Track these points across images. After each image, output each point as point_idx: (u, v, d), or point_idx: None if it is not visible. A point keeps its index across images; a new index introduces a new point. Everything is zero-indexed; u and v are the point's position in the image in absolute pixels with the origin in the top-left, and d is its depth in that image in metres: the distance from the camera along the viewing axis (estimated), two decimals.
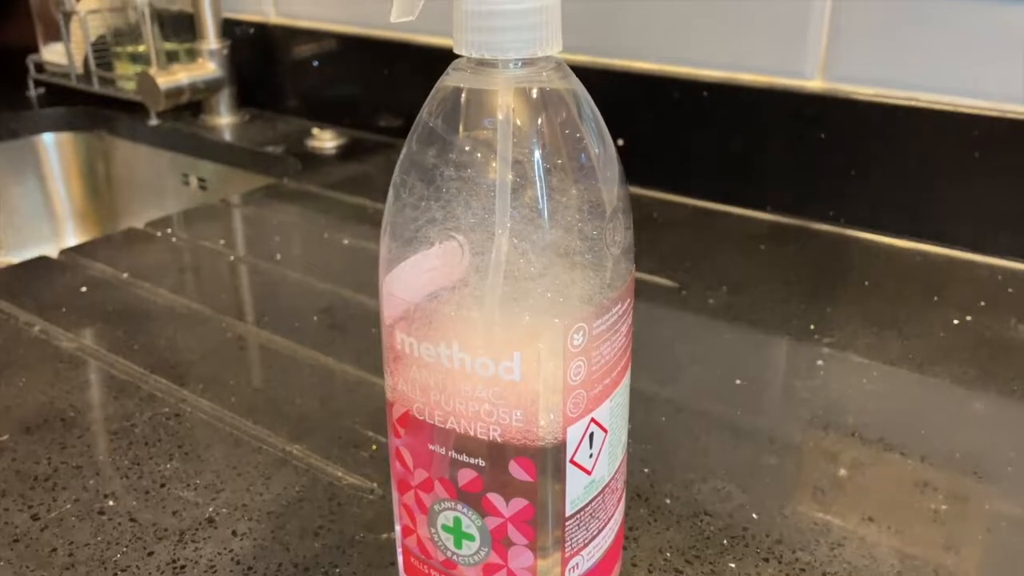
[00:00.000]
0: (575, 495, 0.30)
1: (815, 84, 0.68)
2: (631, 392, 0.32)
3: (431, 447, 0.30)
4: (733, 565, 0.36)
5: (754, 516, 0.39)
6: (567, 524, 0.30)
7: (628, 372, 0.32)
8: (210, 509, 0.39)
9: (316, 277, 0.62)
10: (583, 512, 0.30)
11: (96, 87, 1.02)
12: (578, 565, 0.31)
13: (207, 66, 0.96)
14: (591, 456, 0.30)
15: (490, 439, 0.28)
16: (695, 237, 0.68)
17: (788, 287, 0.60)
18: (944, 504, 0.39)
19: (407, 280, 0.29)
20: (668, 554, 0.36)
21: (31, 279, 0.61)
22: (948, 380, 0.49)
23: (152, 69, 0.94)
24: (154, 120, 0.99)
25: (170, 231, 0.70)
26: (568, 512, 0.30)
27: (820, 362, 0.51)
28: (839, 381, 0.49)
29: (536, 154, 0.27)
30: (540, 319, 0.27)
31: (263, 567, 0.36)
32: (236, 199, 0.78)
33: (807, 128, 0.68)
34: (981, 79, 0.61)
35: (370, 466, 0.42)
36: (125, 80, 1.01)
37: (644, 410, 0.46)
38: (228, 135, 0.96)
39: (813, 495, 0.40)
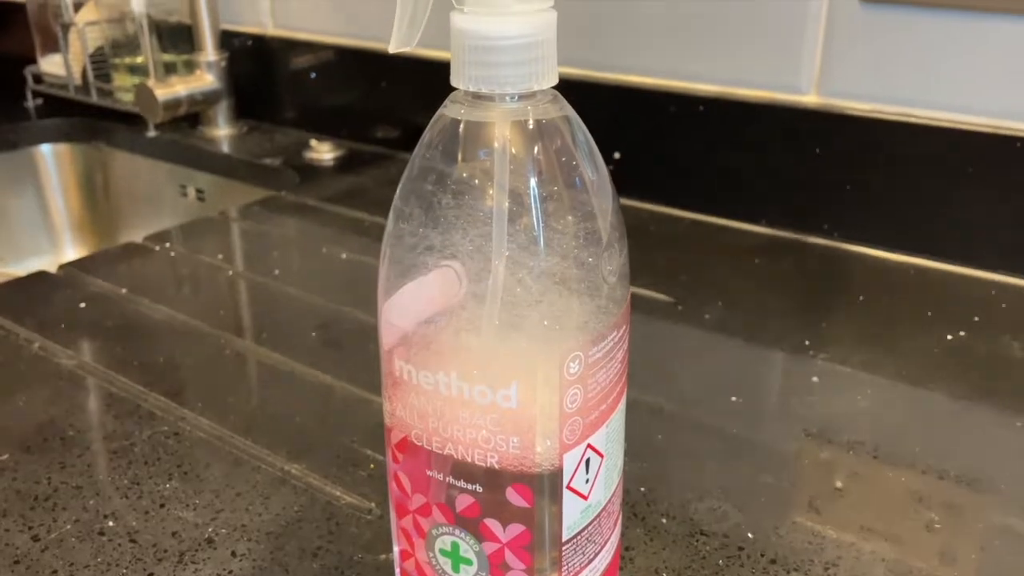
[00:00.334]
0: (572, 520, 0.30)
1: (810, 99, 0.68)
2: (627, 408, 0.33)
3: (429, 472, 0.30)
4: None
5: (749, 535, 0.39)
6: (564, 549, 0.30)
7: (624, 397, 0.32)
8: (209, 529, 0.39)
9: (314, 292, 0.62)
10: (580, 536, 0.31)
11: (94, 98, 1.03)
12: None
13: (205, 78, 0.97)
14: (587, 481, 0.30)
15: (487, 465, 0.29)
16: (691, 251, 0.68)
17: (783, 302, 0.60)
18: (939, 522, 0.40)
19: (405, 308, 0.29)
20: (664, 574, 0.37)
21: (30, 295, 0.61)
22: (942, 396, 0.50)
23: (150, 81, 0.95)
24: (152, 132, 0.99)
25: (168, 245, 0.70)
26: (565, 537, 0.30)
27: (815, 378, 0.51)
28: (834, 397, 0.49)
29: (532, 184, 0.28)
30: (536, 348, 0.28)
31: None
32: (234, 212, 0.78)
33: (802, 143, 0.68)
34: (975, 95, 0.62)
35: (368, 485, 0.42)
36: (123, 91, 1.01)
37: (640, 427, 0.46)
38: (226, 147, 0.96)
39: (808, 513, 0.40)
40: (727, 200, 0.72)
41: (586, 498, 0.30)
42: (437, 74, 0.28)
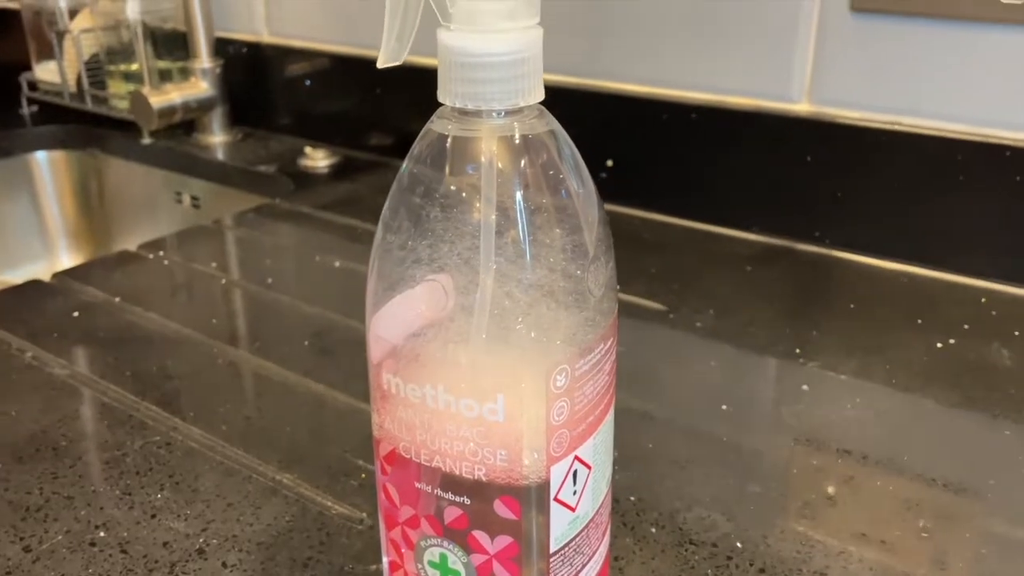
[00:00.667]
0: (559, 532, 0.30)
1: (801, 107, 0.68)
2: (618, 415, 0.33)
3: (417, 484, 0.30)
4: None
5: (739, 544, 0.39)
6: (551, 560, 0.30)
7: (612, 408, 0.32)
8: (200, 540, 0.40)
9: (307, 301, 0.62)
10: (567, 548, 0.31)
11: (89, 105, 1.03)
12: None
13: (200, 85, 0.97)
14: (575, 493, 0.30)
15: (475, 478, 0.29)
16: (683, 258, 0.68)
17: (774, 310, 0.60)
18: (928, 530, 0.40)
19: (392, 321, 0.29)
20: None
21: (23, 304, 0.61)
22: (932, 403, 0.50)
23: (145, 88, 0.95)
24: (147, 139, 0.99)
25: (162, 253, 0.70)
26: (553, 549, 0.30)
27: (805, 387, 0.51)
28: (824, 406, 0.50)
29: (519, 198, 0.28)
30: (523, 361, 0.28)
31: None
32: (229, 220, 0.78)
33: (793, 151, 0.69)
34: (965, 104, 0.62)
35: (360, 495, 0.42)
36: (118, 99, 1.01)
37: (631, 436, 0.47)
38: (221, 154, 0.96)
39: (797, 522, 0.41)
40: (719, 207, 0.73)
41: (574, 510, 0.30)
42: (432, 82, 0.28)
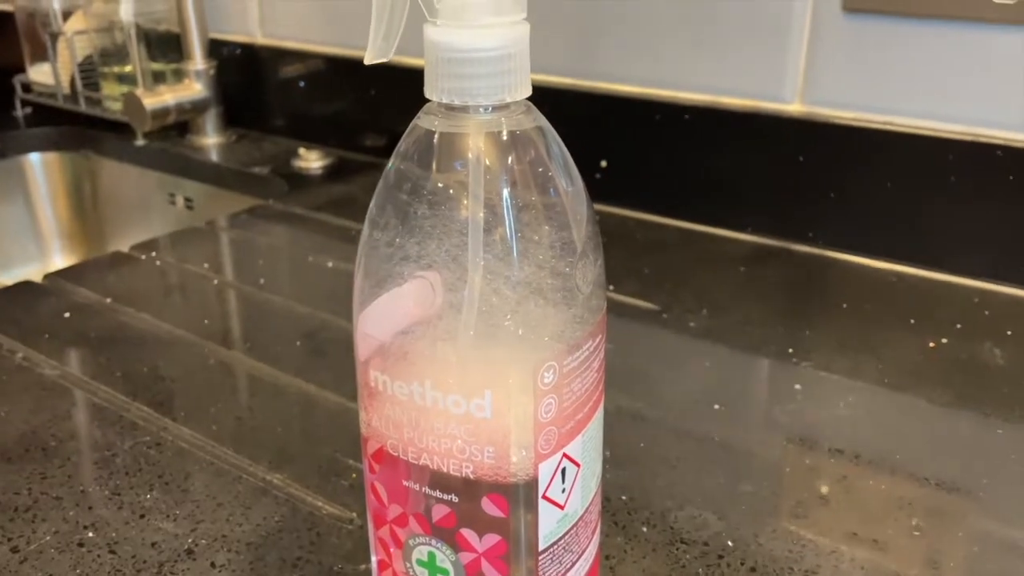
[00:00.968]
0: (548, 530, 0.30)
1: (794, 108, 0.68)
2: (609, 415, 0.33)
3: (405, 483, 0.30)
4: None
5: (729, 543, 0.39)
6: (540, 558, 0.30)
7: (601, 406, 0.32)
8: (189, 540, 0.39)
9: (300, 301, 0.62)
10: (556, 546, 0.31)
11: (83, 107, 1.03)
12: None
13: (193, 86, 0.97)
14: (563, 491, 0.30)
15: (463, 475, 0.29)
16: (676, 259, 0.68)
17: (767, 309, 0.60)
18: (920, 529, 0.40)
19: (380, 319, 0.29)
20: None
21: (15, 305, 0.61)
22: (924, 402, 0.50)
23: (138, 89, 0.95)
24: (140, 140, 0.99)
25: (155, 254, 0.70)
26: (541, 547, 0.30)
27: (798, 386, 0.51)
28: (816, 405, 0.49)
29: (506, 194, 0.28)
30: (510, 357, 0.28)
31: None
32: (222, 221, 0.78)
33: (786, 151, 0.69)
34: (957, 104, 0.62)
35: (350, 495, 0.42)
36: (112, 100, 1.01)
37: (623, 435, 0.46)
38: (215, 155, 0.96)
39: (789, 521, 0.41)
40: (712, 208, 0.73)
41: (562, 507, 0.30)
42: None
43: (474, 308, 0.28)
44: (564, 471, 0.30)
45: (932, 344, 0.55)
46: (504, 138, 0.28)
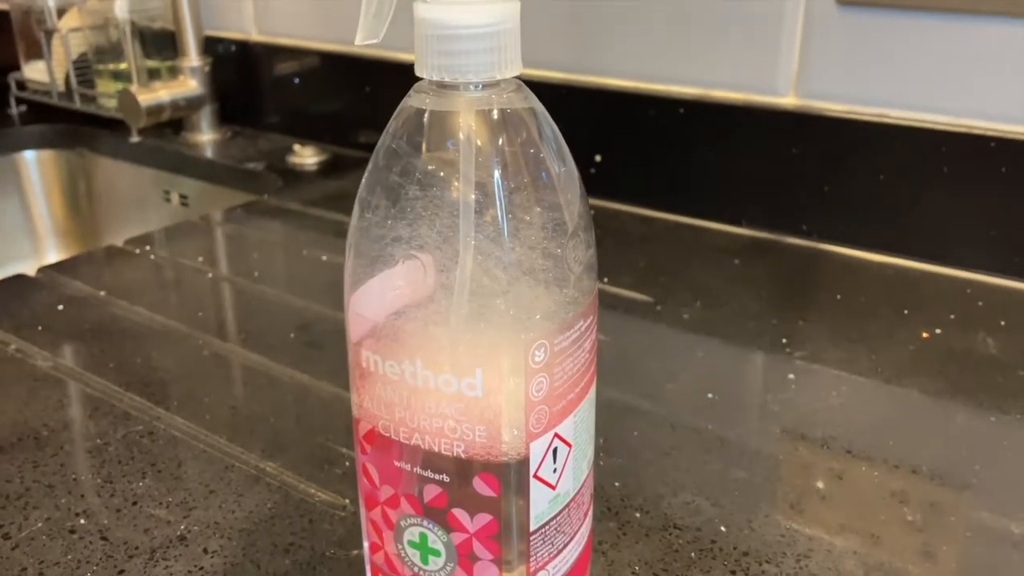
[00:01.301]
0: (540, 510, 0.30)
1: (788, 101, 0.69)
2: (603, 405, 0.33)
3: (397, 463, 0.30)
4: None
5: (722, 529, 0.39)
6: (532, 539, 0.30)
7: (593, 387, 0.32)
8: (182, 527, 0.39)
9: (294, 294, 0.62)
10: (548, 527, 0.31)
11: (77, 104, 1.03)
12: None
13: (188, 83, 0.97)
14: (555, 471, 0.30)
15: (454, 455, 0.29)
16: (670, 252, 0.68)
17: (761, 301, 0.60)
18: (912, 516, 0.40)
19: (372, 300, 0.29)
20: (636, 568, 0.37)
21: (8, 297, 0.61)
22: (917, 392, 0.50)
23: (133, 86, 0.94)
24: (135, 137, 0.99)
25: (149, 248, 0.70)
26: (533, 527, 0.30)
27: (791, 375, 0.51)
28: (809, 395, 0.50)
29: (497, 173, 0.28)
30: (501, 336, 0.28)
31: None
32: (217, 216, 0.78)
33: (780, 144, 0.69)
34: (950, 96, 0.62)
35: (343, 482, 0.42)
36: (106, 98, 1.01)
37: (616, 424, 0.46)
38: (209, 152, 0.96)
39: (781, 507, 0.41)
40: (706, 202, 0.73)
41: (554, 488, 0.30)
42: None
43: (465, 288, 0.28)
44: (556, 451, 0.30)
45: (926, 335, 0.55)
46: (495, 116, 0.28)
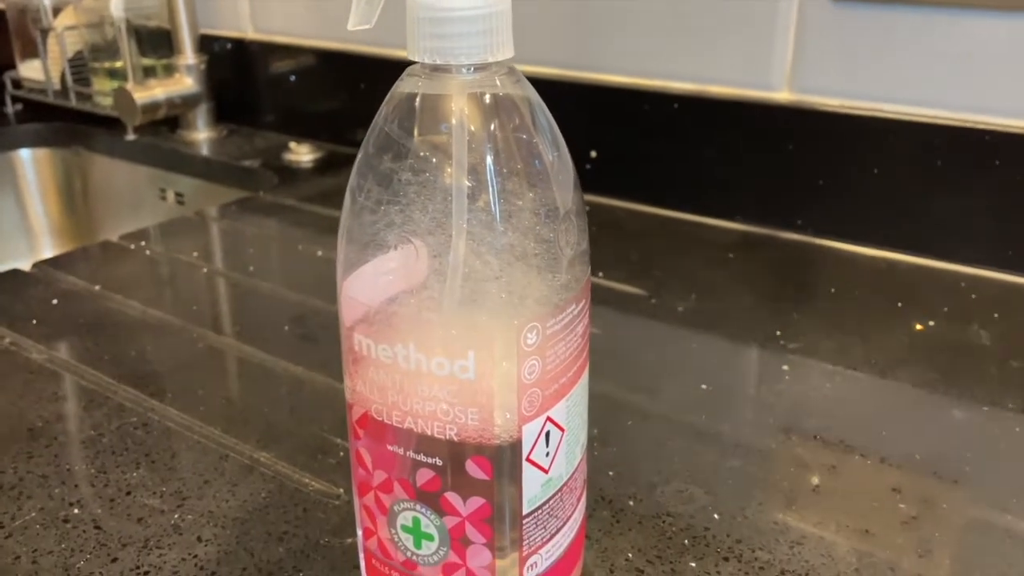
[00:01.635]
0: (532, 493, 0.30)
1: (782, 96, 0.69)
2: (597, 396, 0.33)
3: (390, 447, 0.30)
4: (693, 564, 0.36)
5: (716, 517, 0.39)
6: (524, 522, 0.30)
7: (586, 372, 0.32)
8: (175, 516, 0.39)
9: (289, 288, 0.62)
10: (541, 511, 0.31)
11: (73, 103, 1.03)
12: (536, 564, 0.31)
13: (184, 81, 0.97)
14: (548, 455, 0.30)
15: (447, 438, 0.29)
16: (665, 247, 0.69)
17: (756, 295, 0.60)
18: (903, 504, 0.40)
19: (366, 283, 0.29)
20: (630, 554, 0.37)
21: (3, 292, 0.61)
22: (910, 384, 0.50)
23: (129, 84, 0.95)
24: (131, 135, 0.99)
25: (144, 244, 0.70)
26: (525, 510, 0.30)
27: (785, 367, 0.51)
28: (803, 386, 0.50)
29: (490, 156, 0.28)
30: (494, 318, 0.28)
31: (227, 572, 0.36)
32: (212, 211, 0.78)
33: (775, 139, 0.69)
34: (944, 90, 0.63)
35: (337, 472, 0.42)
36: (102, 96, 1.01)
37: (610, 415, 0.46)
38: (205, 150, 0.96)
39: (774, 496, 0.41)
40: (701, 197, 0.73)
41: (547, 471, 0.30)
42: None
43: (458, 272, 0.28)
44: (548, 435, 0.30)
45: (919, 327, 0.56)
46: (487, 100, 0.28)
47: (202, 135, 0.99)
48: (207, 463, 0.43)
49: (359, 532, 0.33)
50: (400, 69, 0.29)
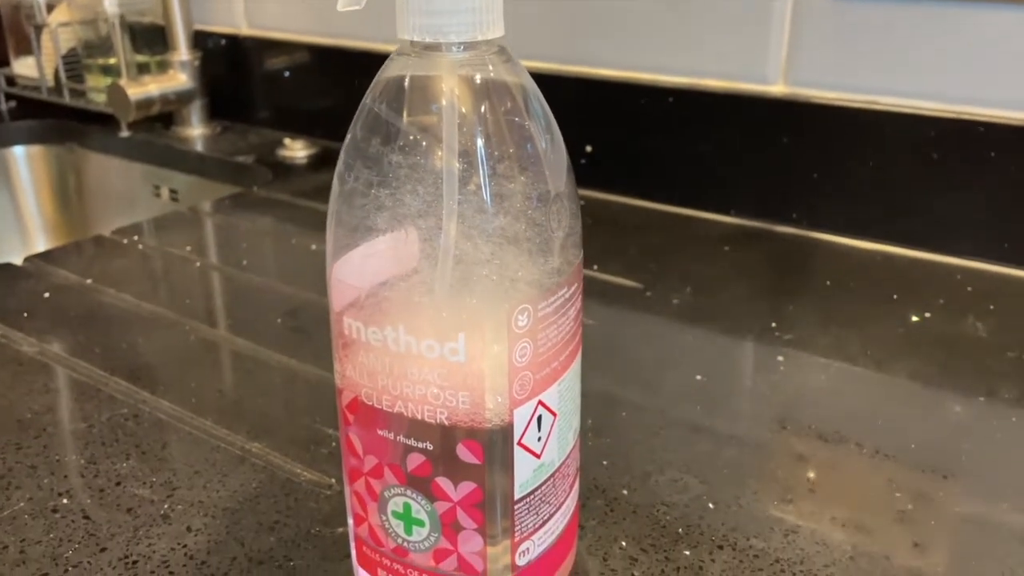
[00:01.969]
0: (524, 478, 0.30)
1: (777, 89, 0.69)
2: (591, 387, 0.33)
3: (380, 432, 0.30)
4: (688, 553, 0.36)
5: (710, 506, 0.39)
6: (516, 508, 0.30)
7: (578, 358, 0.32)
8: (165, 506, 0.39)
9: (282, 281, 0.62)
10: (533, 496, 0.30)
11: (67, 99, 1.02)
12: (528, 550, 0.31)
13: (178, 77, 0.96)
14: (539, 439, 0.30)
15: (438, 422, 0.28)
16: (660, 241, 0.68)
17: (751, 287, 0.60)
18: (898, 494, 0.40)
19: (355, 267, 0.29)
20: (623, 543, 0.37)
21: None
22: (905, 376, 0.50)
23: (123, 80, 0.94)
24: (125, 132, 0.99)
25: (136, 238, 0.70)
26: (517, 496, 0.30)
27: (780, 357, 0.51)
28: (798, 377, 0.49)
29: (479, 136, 0.27)
30: (484, 300, 0.28)
31: (216, 561, 0.36)
32: (205, 207, 0.78)
33: (770, 132, 0.69)
34: (939, 82, 0.62)
35: (329, 462, 0.42)
36: (96, 92, 1.01)
37: (604, 406, 0.46)
38: (199, 146, 0.95)
39: (769, 486, 0.40)
40: (697, 191, 0.73)
41: (539, 456, 0.30)
42: None
43: (449, 254, 0.28)
44: (540, 419, 0.30)
45: (915, 318, 0.55)
46: (477, 80, 0.28)
47: (196, 131, 0.98)
48: (198, 454, 0.43)
49: (350, 520, 0.33)
50: None
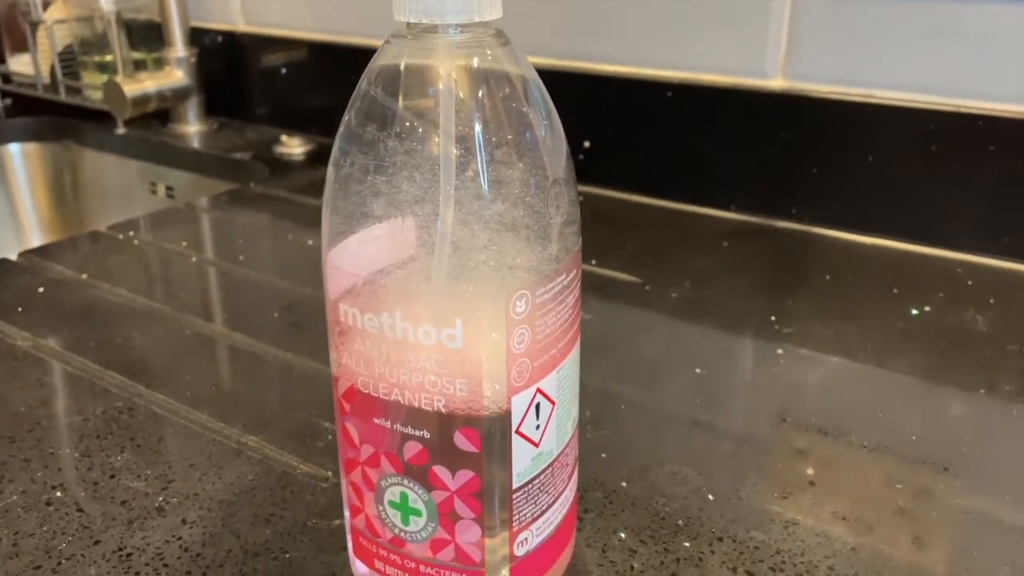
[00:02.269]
0: (522, 467, 0.29)
1: (776, 83, 0.68)
2: (590, 381, 0.32)
3: (376, 421, 0.29)
4: (687, 544, 0.36)
5: (710, 498, 0.38)
6: (514, 497, 0.30)
7: (577, 346, 0.31)
8: (160, 499, 0.39)
9: (278, 277, 0.62)
10: (531, 485, 0.30)
11: (63, 97, 1.02)
12: (526, 540, 0.31)
13: (174, 74, 0.96)
14: (538, 428, 0.30)
15: (435, 410, 0.28)
16: (659, 236, 0.68)
17: (750, 282, 0.60)
18: (898, 486, 0.39)
19: (351, 254, 0.29)
20: (622, 534, 0.36)
21: None
22: (905, 369, 0.49)
23: (119, 77, 0.94)
24: (121, 129, 0.98)
25: (132, 234, 0.69)
26: (515, 485, 0.29)
27: (780, 351, 0.51)
28: (798, 371, 0.49)
29: (477, 120, 0.27)
30: (482, 286, 0.27)
31: (212, 553, 0.35)
32: (202, 203, 0.77)
33: (769, 127, 0.68)
34: (937, 76, 0.62)
35: (325, 455, 0.42)
36: (92, 89, 1.00)
37: (603, 399, 0.46)
38: (196, 143, 0.95)
39: (769, 479, 0.40)
40: (696, 186, 0.72)
41: (537, 445, 0.30)
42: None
43: (447, 241, 0.27)
44: (538, 407, 0.29)
45: (915, 312, 0.55)
46: (475, 62, 0.27)
47: (193, 128, 0.98)
48: (193, 447, 0.42)
49: (346, 511, 0.33)
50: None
